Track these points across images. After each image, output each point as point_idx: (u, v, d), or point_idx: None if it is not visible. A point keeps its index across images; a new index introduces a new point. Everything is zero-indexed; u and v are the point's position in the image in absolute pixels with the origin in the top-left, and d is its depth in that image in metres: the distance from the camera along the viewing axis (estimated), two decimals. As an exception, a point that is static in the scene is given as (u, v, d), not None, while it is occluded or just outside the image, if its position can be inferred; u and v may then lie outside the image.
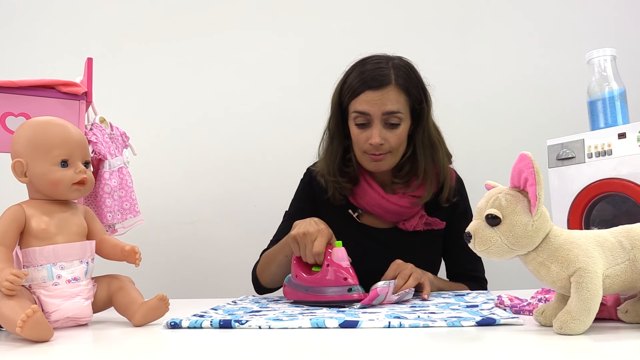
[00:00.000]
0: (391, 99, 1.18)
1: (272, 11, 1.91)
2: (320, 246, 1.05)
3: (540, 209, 0.70)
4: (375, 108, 1.18)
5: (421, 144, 1.25)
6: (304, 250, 1.08)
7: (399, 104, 1.19)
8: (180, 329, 0.83)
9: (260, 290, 1.34)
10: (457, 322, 0.78)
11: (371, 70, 1.20)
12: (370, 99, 1.18)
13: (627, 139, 1.14)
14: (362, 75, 1.20)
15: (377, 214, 1.29)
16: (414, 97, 1.22)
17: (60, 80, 1.10)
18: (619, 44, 1.41)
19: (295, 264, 1.12)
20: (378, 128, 1.19)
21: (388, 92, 1.18)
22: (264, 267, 1.29)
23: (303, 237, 1.08)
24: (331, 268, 1.03)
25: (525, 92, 1.80)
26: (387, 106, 1.17)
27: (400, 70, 1.21)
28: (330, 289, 1.03)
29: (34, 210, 0.89)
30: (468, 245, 0.74)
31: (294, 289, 1.11)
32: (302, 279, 1.09)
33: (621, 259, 0.69)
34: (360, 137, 1.22)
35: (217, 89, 1.90)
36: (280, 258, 1.23)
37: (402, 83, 1.19)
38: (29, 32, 1.93)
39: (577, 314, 0.66)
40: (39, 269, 0.87)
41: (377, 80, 1.18)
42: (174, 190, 1.87)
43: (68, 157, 0.90)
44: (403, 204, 1.25)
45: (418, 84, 1.23)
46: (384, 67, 1.20)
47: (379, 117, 1.18)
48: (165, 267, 1.82)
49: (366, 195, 1.28)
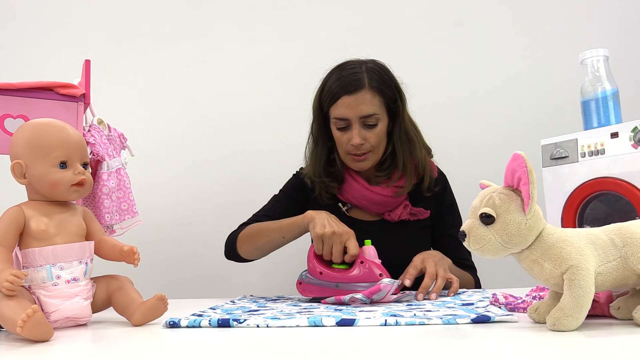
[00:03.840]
0: (366, 101, 1.25)
1: (270, 13, 1.91)
2: (356, 248, 1.09)
3: (534, 208, 0.71)
4: (352, 112, 1.25)
5: (399, 139, 1.32)
6: (329, 248, 1.11)
7: (373, 106, 1.26)
8: (179, 328, 0.84)
9: (232, 256, 1.36)
10: (453, 320, 0.79)
11: (346, 76, 1.27)
12: (347, 104, 1.25)
13: (619, 138, 1.15)
14: (338, 82, 1.27)
15: (363, 206, 1.35)
16: (388, 97, 1.29)
17: (58, 82, 1.10)
18: (612, 44, 1.42)
19: (316, 261, 1.13)
20: (357, 130, 1.26)
21: (363, 95, 1.25)
22: (250, 238, 1.31)
23: (332, 237, 1.10)
24: (365, 265, 1.07)
25: (519, 92, 1.82)
26: (363, 110, 1.25)
27: (373, 73, 1.28)
28: (365, 284, 1.05)
29: (33, 212, 0.89)
30: (457, 235, 0.75)
31: (317, 286, 1.12)
32: (329, 276, 1.10)
33: (613, 256, 0.71)
34: (342, 140, 1.29)
35: (214, 90, 1.90)
36: (274, 236, 1.26)
37: (376, 85, 1.26)
38: (27, 35, 1.93)
39: (569, 311, 0.68)
40: (38, 269, 0.87)
41: (352, 85, 1.25)
42: (171, 191, 1.88)
43: (67, 158, 0.91)
44: (387, 193, 1.32)
45: (391, 83, 1.30)
46: (357, 71, 1.27)
47: (357, 120, 1.26)
48: (164, 268, 1.83)
49: (352, 188, 1.35)
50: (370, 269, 1.06)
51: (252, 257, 1.34)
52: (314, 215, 1.16)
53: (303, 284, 1.15)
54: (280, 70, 1.89)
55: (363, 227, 1.35)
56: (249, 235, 1.32)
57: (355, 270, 1.08)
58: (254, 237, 1.30)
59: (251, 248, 1.31)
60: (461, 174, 1.51)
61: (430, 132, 1.42)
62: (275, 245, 1.29)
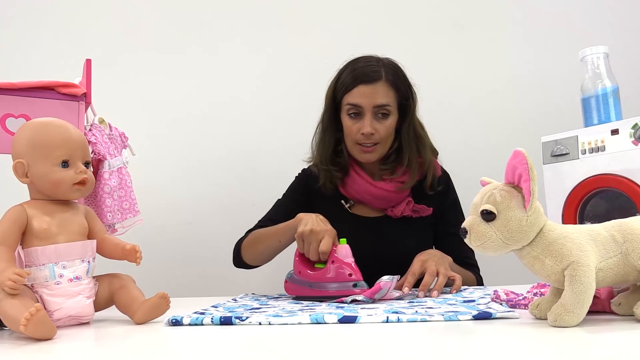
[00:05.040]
0: (381, 92, 1.28)
1: (271, 13, 1.91)
2: (326, 246, 1.08)
3: (534, 204, 0.71)
4: (367, 100, 1.28)
5: (407, 136, 1.35)
6: (308, 247, 1.11)
7: (388, 98, 1.29)
8: (181, 326, 0.84)
9: (238, 263, 1.38)
10: (454, 317, 0.79)
11: (363, 67, 1.30)
12: (363, 92, 1.28)
13: (619, 135, 1.15)
14: (355, 72, 1.30)
15: (367, 201, 1.36)
16: (402, 93, 1.32)
17: (59, 82, 1.10)
18: (612, 41, 1.42)
19: (298, 261, 1.13)
20: (369, 119, 1.28)
21: (379, 87, 1.28)
22: (252, 245, 1.33)
23: (309, 235, 1.11)
24: (336, 264, 1.06)
25: (519, 90, 1.82)
26: (378, 99, 1.28)
27: (390, 68, 1.32)
28: (334, 285, 1.05)
29: (35, 211, 0.90)
30: (459, 233, 0.75)
31: (297, 284, 1.12)
32: (305, 275, 1.10)
33: (613, 252, 0.71)
34: (353, 128, 1.31)
35: (215, 89, 1.91)
36: (271, 241, 1.27)
37: (391, 79, 1.30)
38: (28, 34, 1.94)
39: (570, 307, 0.68)
40: (41, 268, 0.88)
41: (369, 76, 1.28)
42: (172, 189, 1.88)
43: (69, 157, 0.91)
44: (389, 188, 1.34)
45: (405, 81, 1.34)
46: (374, 64, 1.31)
47: (370, 109, 1.28)
48: (165, 266, 1.83)
49: (355, 183, 1.36)
50: (339, 268, 1.05)
51: (256, 263, 1.36)
52: (303, 217, 1.17)
53: (287, 282, 1.16)
54: (281, 70, 1.89)
55: (366, 224, 1.36)
56: (250, 242, 1.34)
57: (326, 269, 1.07)
58: (255, 244, 1.33)
59: (254, 255, 1.34)
60: (462, 171, 1.51)
61: (431, 129, 1.42)
62: (274, 250, 1.30)
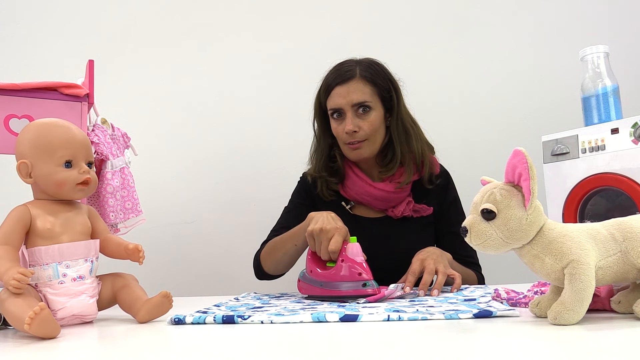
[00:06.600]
0: (356, 89, 1.30)
1: (272, 12, 1.92)
2: (336, 244, 1.07)
3: (534, 203, 0.72)
4: (344, 100, 1.31)
5: (395, 130, 1.36)
6: (319, 246, 1.11)
7: (364, 94, 1.31)
8: (184, 325, 0.85)
9: (261, 275, 1.38)
10: (455, 315, 0.79)
11: (338, 69, 1.34)
12: (339, 93, 1.31)
13: (620, 134, 1.16)
14: (330, 76, 1.35)
15: (367, 202, 1.37)
16: (381, 87, 1.33)
17: (62, 83, 1.11)
18: (612, 40, 1.42)
19: (310, 260, 1.13)
20: (350, 117, 1.31)
21: (352, 84, 1.30)
22: (270, 254, 1.33)
23: (320, 234, 1.10)
24: (346, 263, 1.05)
25: (520, 89, 1.82)
26: (354, 97, 1.30)
27: (364, 64, 1.34)
28: (345, 284, 1.04)
29: (39, 211, 0.90)
30: (460, 232, 0.76)
31: (309, 284, 1.12)
32: (316, 275, 1.10)
33: (613, 250, 0.71)
34: (338, 129, 1.34)
35: (217, 89, 1.91)
36: (288, 246, 1.27)
37: (366, 75, 1.32)
38: (31, 35, 1.94)
39: (570, 305, 0.68)
40: (44, 267, 0.88)
41: (342, 76, 1.32)
42: (175, 189, 1.89)
43: (72, 157, 0.91)
44: (389, 189, 1.34)
45: (384, 75, 1.35)
46: (349, 65, 1.34)
47: (349, 108, 1.31)
48: (168, 265, 1.84)
49: (355, 185, 1.37)
50: (350, 267, 1.04)
51: (278, 271, 1.35)
52: (314, 215, 1.17)
53: (300, 281, 1.16)
54: (283, 69, 1.90)
55: (367, 224, 1.36)
56: (267, 252, 1.33)
57: (336, 268, 1.07)
58: (272, 252, 1.32)
59: (273, 263, 1.32)
60: (462, 170, 1.51)
61: (431, 129, 1.43)
62: (292, 255, 1.29)
